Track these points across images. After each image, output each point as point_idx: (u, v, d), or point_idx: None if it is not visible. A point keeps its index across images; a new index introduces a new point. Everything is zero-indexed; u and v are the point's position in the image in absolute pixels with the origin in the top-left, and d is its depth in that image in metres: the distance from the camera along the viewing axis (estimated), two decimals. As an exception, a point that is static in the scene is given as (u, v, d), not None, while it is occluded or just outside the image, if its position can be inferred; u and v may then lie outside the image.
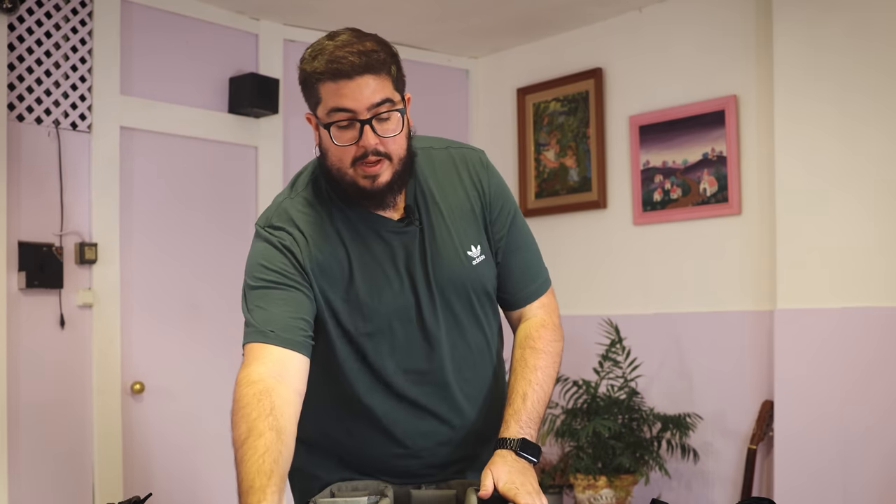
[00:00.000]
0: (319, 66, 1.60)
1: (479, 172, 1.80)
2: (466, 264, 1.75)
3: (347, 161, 1.63)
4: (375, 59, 1.60)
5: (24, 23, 3.50)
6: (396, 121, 1.64)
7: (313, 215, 1.72)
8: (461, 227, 1.76)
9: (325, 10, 4.14)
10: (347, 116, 1.60)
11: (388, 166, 1.64)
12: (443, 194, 1.76)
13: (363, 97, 1.59)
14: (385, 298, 1.72)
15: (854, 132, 3.42)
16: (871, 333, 3.35)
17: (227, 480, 4.26)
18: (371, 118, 1.60)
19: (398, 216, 1.72)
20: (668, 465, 3.78)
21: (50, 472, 3.50)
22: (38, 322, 3.50)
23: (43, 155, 3.55)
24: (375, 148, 1.62)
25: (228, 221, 4.11)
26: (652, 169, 4.10)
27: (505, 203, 1.81)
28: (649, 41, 4.15)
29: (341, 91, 1.59)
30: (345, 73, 1.58)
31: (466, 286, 1.75)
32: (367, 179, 1.64)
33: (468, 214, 1.77)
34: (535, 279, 1.86)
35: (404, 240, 1.72)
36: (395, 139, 1.64)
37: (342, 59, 1.58)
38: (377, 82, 1.60)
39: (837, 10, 3.45)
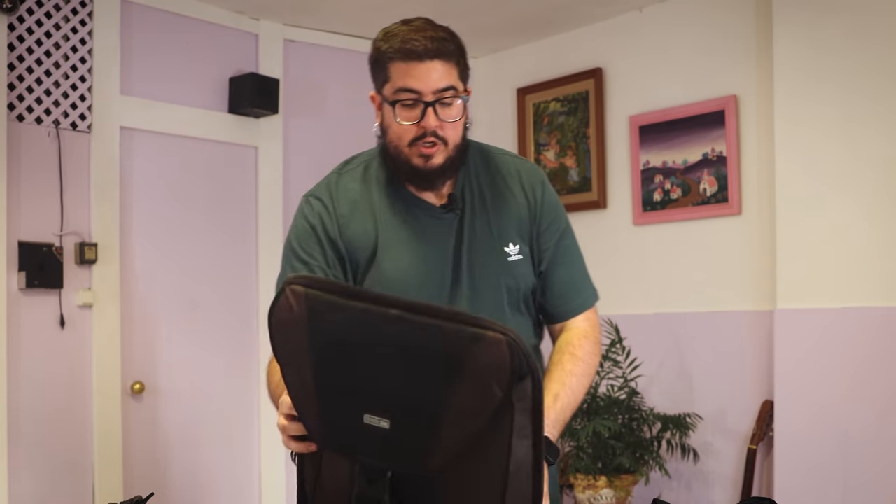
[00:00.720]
0: (393, 46, 1.71)
1: (533, 185, 1.85)
2: (501, 257, 1.78)
3: (406, 140, 1.72)
4: (446, 46, 1.70)
5: (24, 23, 3.50)
6: (458, 109, 1.73)
7: (354, 191, 1.81)
8: (503, 225, 1.81)
9: (325, 10, 4.14)
10: (413, 97, 1.69)
11: (442, 150, 1.72)
12: (492, 193, 1.82)
13: (430, 80, 1.68)
14: (409, 276, 1.74)
15: (854, 134, 3.42)
16: (870, 333, 3.35)
17: (227, 480, 4.29)
18: (435, 101, 1.69)
19: (441, 203, 1.79)
20: (668, 465, 3.78)
21: (50, 472, 3.50)
22: (38, 322, 3.50)
23: (43, 155, 3.55)
24: (434, 130, 1.70)
25: (228, 221, 4.11)
26: (652, 169, 4.10)
27: (556, 219, 1.86)
28: (649, 41, 4.15)
29: (411, 72, 1.69)
30: (416, 55, 1.68)
31: (499, 278, 1.78)
32: (421, 158, 1.72)
33: (513, 217, 1.82)
34: (579, 295, 1.88)
35: (441, 224, 1.78)
36: (453, 125, 1.73)
37: (415, 41, 1.68)
38: (445, 69, 1.70)
39: (838, 11, 3.45)
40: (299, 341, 1.30)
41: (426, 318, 1.21)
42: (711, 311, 3.91)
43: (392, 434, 1.24)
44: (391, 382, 1.23)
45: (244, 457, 4.12)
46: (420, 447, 1.23)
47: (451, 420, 1.21)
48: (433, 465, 1.23)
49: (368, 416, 1.25)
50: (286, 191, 4.27)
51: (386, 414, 1.24)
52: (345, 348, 1.27)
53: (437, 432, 1.22)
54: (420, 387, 1.22)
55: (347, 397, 1.27)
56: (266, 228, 4.18)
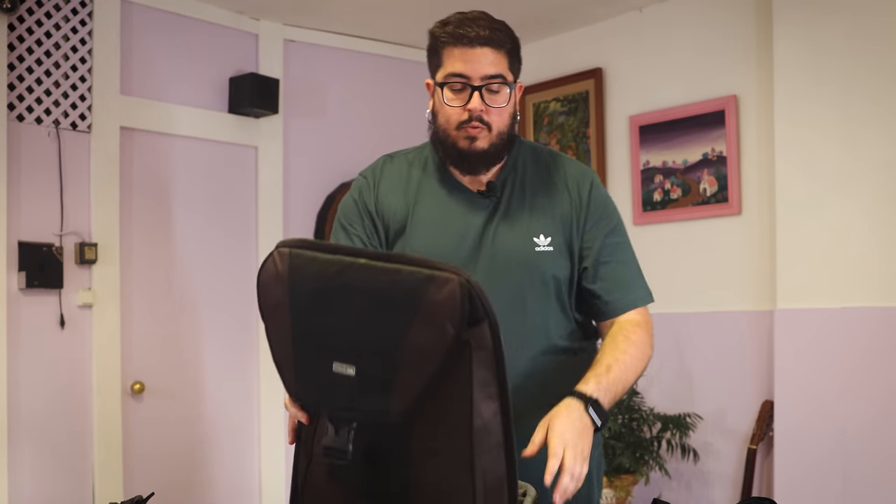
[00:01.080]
0: (447, 32, 1.80)
1: (581, 183, 1.91)
2: (527, 246, 1.84)
3: (454, 123, 1.81)
4: (498, 36, 1.78)
5: (24, 23, 3.50)
6: (504, 96, 1.81)
7: (398, 172, 1.93)
8: (539, 217, 1.86)
9: (325, 10, 4.14)
10: (462, 81, 1.78)
11: (487, 135, 1.81)
12: (535, 186, 1.89)
13: (480, 66, 1.77)
14: (431, 250, 1.81)
15: (854, 134, 3.42)
16: (870, 333, 3.35)
17: (227, 480, 4.29)
18: (482, 86, 1.78)
19: (480, 188, 1.88)
20: (668, 465, 3.78)
21: (50, 471, 3.50)
22: (38, 322, 3.50)
23: (43, 155, 3.55)
24: (480, 115, 1.79)
25: (228, 221, 4.11)
26: (652, 169, 4.10)
27: (604, 217, 1.90)
28: (650, 41, 4.15)
29: (461, 57, 1.78)
30: (468, 41, 1.77)
31: (522, 265, 1.83)
32: (467, 141, 1.81)
33: (554, 213, 1.87)
34: (629, 293, 1.90)
35: (474, 208, 1.86)
36: (499, 112, 1.80)
37: (468, 28, 1.77)
38: (495, 57, 1.78)
39: (838, 12, 3.45)
40: (280, 297, 1.36)
41: (388, 263, 1.29)
42: (711, 311, 3.91)
43: (357, 380, 1.29)
44: (357, 328, 1.29)
45: (244, 457, 4.12)
46: (381, 391, 1.28)
47: (408, 361, 1.26)
48: (395, 410, 1.28)
49: (337, 365, 1.30)
50: (286, 191, 4.27)
51: (351, 360, 1.30)
52: (318, 300, 1.33)
53: (396, 374, 1.27)
54: (380, 329, 1.28)
55: (320, 348, 1.32)
56: (266, 228, 4.18)
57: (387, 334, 1.27)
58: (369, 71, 4.54)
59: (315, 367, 1.33)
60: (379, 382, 1.29)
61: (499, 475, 1.31)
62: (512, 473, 1.32)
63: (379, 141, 4.46)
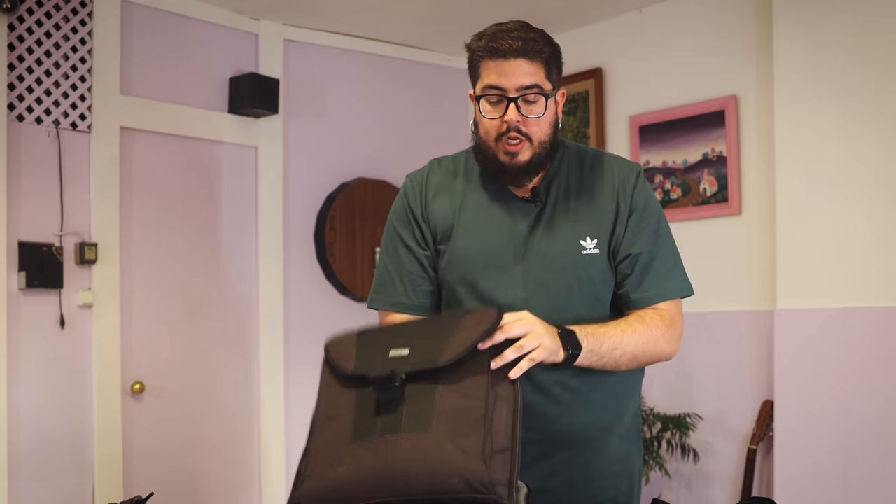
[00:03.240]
0: (482, 45, 1.82)
1: (625, 178, 1.91)
2: (574, 249, 1.85)
3: (493, 135, 1.83)
4: (532, 46, 1.80)
5: (24, 23, 3.50)
6: (541, 106, 1.81)
7: (446, 177, 1.96)
8: (585, 220, 1.87)
9: (325, 10, 4.14)
10: (498, 93, 1.80)
11: (528, 147, 1.82)
12: (579, 189, 1.90)
13: (515, 78, 1.78)
14: (477, 254, 1.86)
15: (854, 134, 3.42)
16: (870, 333, 3.35)
17: (227, 480, 4.29)
18: (517, 97, 1.78)
19: (525, 195, 1.89)
20: (668, 465, 3.78)
21: (50, 472, 3.50)
22: (38, 322, 3.50)
23: (43, 155, 3.55)
24: (517, 126, 1.80)
25: (228, 221, 4.11)
26: (652, 169, 4.10)
27: (647, 210, 1.90)
28: (649, 41, 4.15)
29: (496, 69, 1.79)
30: (501, 54, 1.79)
31: (570, 268, 1.84)
32: (507, 156, 1.82)
33: (599, 214, 1.88)
34: (661, 285, 1.90)
35: (520, 214, 1.88)
36: (537, 122, 1.81)
37: (503, 41, 1.80)
38: (530, 67, 1.79)
39: (838, 12, 3.45)
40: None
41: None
42: (711, 311, 3.91)
43: (410, 355, 1.59)
44: (416, 329, 1.67)
45: (244, 457, 4.12)
46: (433, 354, 1.58)
47: (461, 332, 1.59)
48: (441, 360, 1.57)
49: (393, 351, 1.60)
50: (286, 191, 4.27)
51: (407, 345, 1.61)
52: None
53: (447, 341, 1.58)
54: (436, 327, 1.65)
55: (379, 345, 1.63)
56: (266, 228, 4.18)
57: (444, 324, 1.65)
58: (369, 71, 4.54)
59: (373, 357, 1.62)
60: (431, 350, 1.58)
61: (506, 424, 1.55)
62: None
63: (379, 141, 4.47)
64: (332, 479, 1.53)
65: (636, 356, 1.83)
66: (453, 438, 1.50)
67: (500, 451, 1.52)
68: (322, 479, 1.55)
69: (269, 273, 4.16)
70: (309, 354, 3.63)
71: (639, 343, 1.82)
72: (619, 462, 1.87)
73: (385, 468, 1.50)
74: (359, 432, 1.55)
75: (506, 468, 1.52)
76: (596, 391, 1.86)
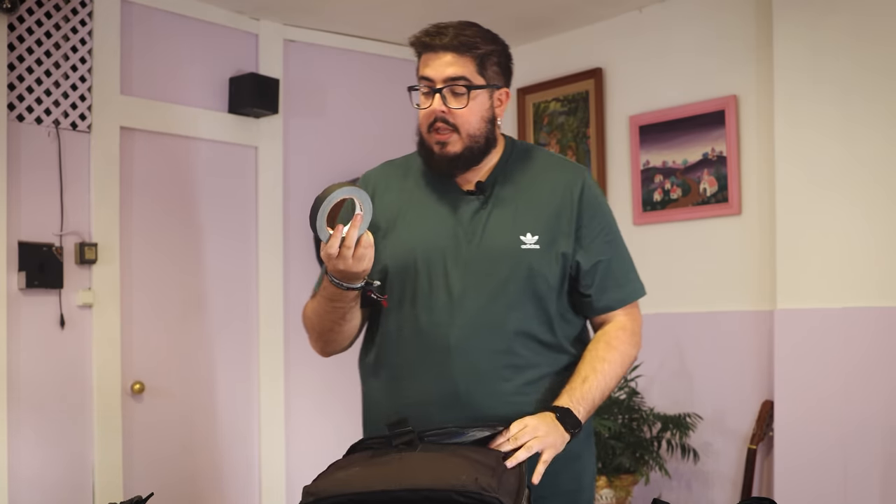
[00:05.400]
0: (415, 38, 1.92)
1: (572, 183, 1.97)
2: (513, 243, 1.90)
3: (425, 126, 1.92)
4: (464, 42, 1.87)
5: (24, 23, 3.50)
6: (468, 98, 1.87)
7: (395, 173, 2.04)
8: (527, 216, 1.92)
9: (325, 10, 4.14)
10: (427, 84, 1.90)
11: (457, 139, 1.89)
12: (524, 186, 1.95)
13: (442, 69, 1.87)
14: (418, 242, 1.90)
15: (854, 134, 3.42)
16: (871, 333, 3.35)
17: (227, 480, 4.28)
18: (443, 88, 1.87)
19: (470, 188, 1.95)
20: (668, 465, 3.78)
21: (50, 472, 3.50)
22: (38, 322, 3.50)
23: (43, 155, 3.55)
24: (444, 117, 1.87)
25: (228, 221, 4.11)
26: (652, 169, 4.10)
27: (598, 214, 1.97)
28: (649, 41, 4.15)
29: (427, 62, 1.90)
30: (430, 48, 1.88)
31: (506, 261, 1.88)
32: (438, 145, 1.90)
33: (542, 211, 1.93)
34: (621, 290, 1.99)
35: (462, 206, 1.93)
36: (463, 114, 1.88)
37: (434, 36, 1.88)
38: (458, 61, 1.87)
39: (838, 12, 3.45)
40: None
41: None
42: (711, 311, 3.91)
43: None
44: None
45: (244, 457, 4.12)
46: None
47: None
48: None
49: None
50: (286, 191, 4.27)
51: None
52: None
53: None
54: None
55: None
56: (266, 228, 4.18)
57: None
58: (369, 71, 4.54)
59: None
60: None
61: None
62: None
63: (379, 141, 4.46)
64: (343, 475, 1.57)
65: (617, 381, 1.95)
66: (466, 456, 1.60)
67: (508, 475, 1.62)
68: (332, 476, 1.59)
69: (269, 273, 4.16)
70: (309, 354, 3.61)
71: (617, 372, 1.93)
72: (565, 460, 1.87)
73: (397, 468, 1.56)
74: (376, 455, 1.66)
75: (514, 483, 1.58)
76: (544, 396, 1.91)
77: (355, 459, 1.66)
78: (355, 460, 1.65)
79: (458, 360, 1.85)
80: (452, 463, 1.57)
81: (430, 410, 1.84)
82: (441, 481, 1.50)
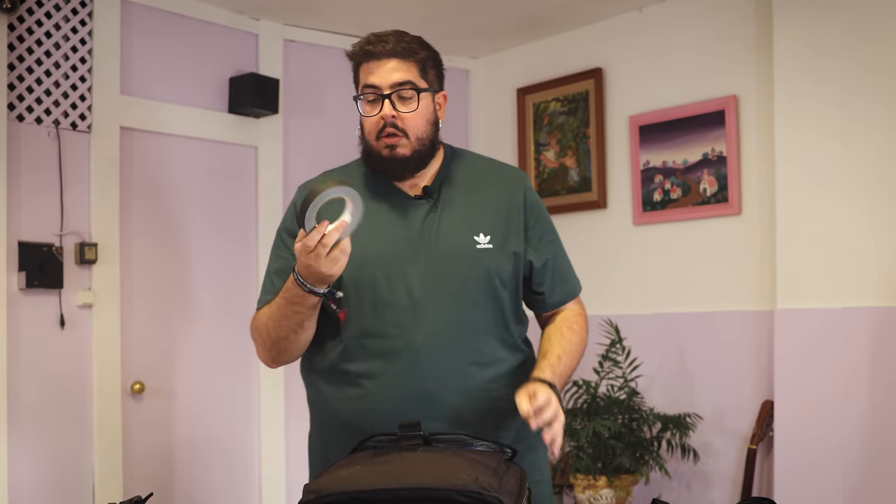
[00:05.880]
0: (357, 49, 1.94)
1: (516, 186, 2.05)
2: (468, 243, 1.94)
3: (374, 133, 1.93)
4: (405, 48, 1.92)
5: (24, 23, 3.50)
6: (415, 102, 1.92)
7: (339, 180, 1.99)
8: (477, 217, 1.97)
9: (325, 10, 4.14)
10: (373, 92, 1.91)
11: (406, 143, 1.92)
12: (470, 189, 2.01)
13: (387, 76, 1.90)
14: (372, 250, 1.91)
15: (854, 134, 3.42)
16: (871, 333, 3.35)
17: (227, 480, 4.28)
18: (391, 93, 1.90)
19: (417, 193, 1.98)
20: (668, 465, 3.78)
21: (50, 472, 3.50)
22: (38, 322, 3.50)
23: (43, 155, 3.55)
24: (393, 122, 1.90)
25: (228, 221, 4.11)
26: (652, 169, 4.10)
27: (541, 216, 2.06)
28: (649, 41, 4.15)
29: (371, 70, 1.92)
30: (374, 56, 1.91)
31: (464, 262, 1.92)
32: (387, 149, 1.92)
33: (490, 212, 1.99)
34: (568, 284, 2.09)
35: (413, 211, 1.96)
36: (412, 118, 1.92)
37: (376, 45, 1.91)
38: (403, 66, 1.91)
39: (838, 12, 3.45)
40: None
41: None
42: (711, 311, 3.91)
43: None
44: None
45: (244, 457, 4.12)
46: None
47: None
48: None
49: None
50: (286, 191, 4.27)
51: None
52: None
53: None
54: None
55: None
56: (266, 228, 4.18)
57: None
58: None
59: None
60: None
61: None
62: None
63: (379, 141, 4.47)
64: (344, 473, 1.59)
65: (578, 361, 2.03)
66: (467, 456, 1.62)
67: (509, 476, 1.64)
68: (333, 474, 1.60)
69: (269, 273, 4.15)
70: (309, 354, 3.62)
71: (580, 351, 2.02)
72: (524, 451, 1.90)
73: (398, 467, 1.58)
74: (378, 454, 1.67)
75: (514, 483, 1.61)
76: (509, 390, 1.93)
77: (357, 458, 1.67)
78: (357, 459, 1.67)
79: (426, 361, 1.89)
80: (453, 463, 1.58)
81: (399, 410, 1.87)
82: (442, 481, 1.52)
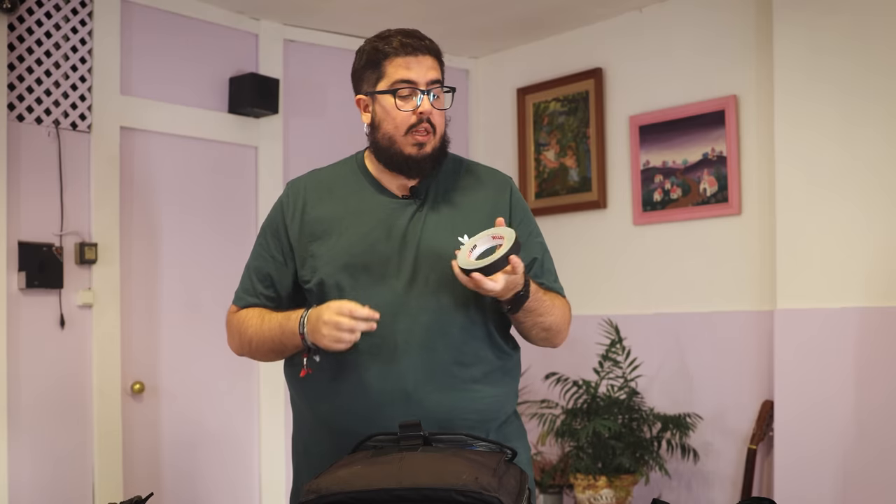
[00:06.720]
0: (392, 45, 1.94)
1: (501, 187, 2.07)
2: (453, 243, 1.92)
3: (403, 129, 1.94)
4: (433, 47, 1.98)
5: (24, 23, 3.50)
6: (445, 101, 1.99)
7: (328, 181, 2.06)
8: (462, 218, 1.98)
9: (325, 10, 4.14)
10: (410, 87, 1.93)
11: (432, 140, 1.95)
12: (456, 191, 2.03)
13: (425, 72, 1.94)
14: (356, 249, 1.93)
15: (854, 134, 3.42)
16: (871, 333, 3.35)
17: (227, 480, 4.28)
18: (429, 90, 1.94)
19: (404, 194, 2.00)
20: (668, 465, 3.78)
21: (50, 472, 3.50)
22: (38, 322, 3.50)
23: (43, 155, 3.55)
24: (429, 117, 1.93)
25: (228, 221, 4.11)
26: (652, 169, 4.10)
27: (526, 217, 2.08)
28: (649, 41, 4.15)
29: (408, 66, 1.93)
30: (413, 51, 1.94)
31: (447, 261, 1.91)
32: (415, 147, 1.94)
33: (476, 213, 2.00)
34: (555, 283, 2.08)
35: (398, 211, 1.98)
36: (441, 115, 1.97)
37: (413, 39, 1.95)
38: (435, 65, 1.97)
39: (837, 12, 3.45)
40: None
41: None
42: (711, 311, 3.91)
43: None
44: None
45: (244, 457, 4.12)
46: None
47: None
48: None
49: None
50: (286, 191, 4.27)
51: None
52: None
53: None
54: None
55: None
56: (266, 228, 4.18)
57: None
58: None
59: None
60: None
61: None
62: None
63: (379, 141, 4.47)
64: (344, 473, 1.59)
65: (551, 326, 1.99)
66: (467, 456, 1.63)
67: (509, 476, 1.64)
68: (333, 474, 1.60)
69: (269, 273, 4.16)
70: (309, 354, 3.63)
71: (557, 315, 1.99)
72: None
73: (397, 467, 1.58)
74: (378, 454, 1.67)
75: (514, 483, 1.61)
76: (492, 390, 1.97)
77: (357, 458, 1.67)
78: (357, 459, 1.67)
79: (407, 360, 1.89)
80: (453, 463, 1.58)
81: (378, 409, 1.88)
82: (442, 481, 1.52)
